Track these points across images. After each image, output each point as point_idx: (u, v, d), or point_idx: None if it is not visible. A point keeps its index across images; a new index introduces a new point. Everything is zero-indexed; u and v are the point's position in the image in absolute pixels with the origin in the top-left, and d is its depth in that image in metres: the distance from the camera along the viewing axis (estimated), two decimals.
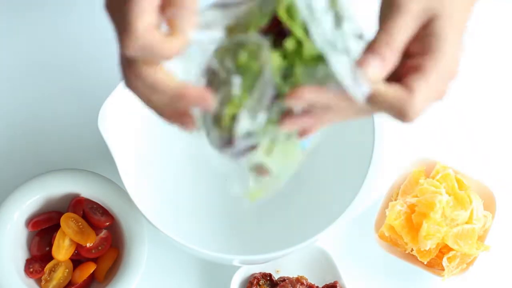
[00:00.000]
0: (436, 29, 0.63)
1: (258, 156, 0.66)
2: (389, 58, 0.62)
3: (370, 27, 0.66)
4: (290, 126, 0.63)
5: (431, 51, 0.63)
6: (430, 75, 0.63)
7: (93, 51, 1.09)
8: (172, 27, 0.62)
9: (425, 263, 0.99)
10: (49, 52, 1.09)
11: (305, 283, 0.99)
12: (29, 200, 0.99)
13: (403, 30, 0.63)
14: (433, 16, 0.64)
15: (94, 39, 1.08)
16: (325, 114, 0.63)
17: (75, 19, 1.11)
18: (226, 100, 0.63)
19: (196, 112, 0.65)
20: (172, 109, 0.64)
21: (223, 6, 0.64)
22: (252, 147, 0.65)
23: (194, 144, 1.04)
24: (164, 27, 0.63)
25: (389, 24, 0.63)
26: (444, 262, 0.98)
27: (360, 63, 0.61)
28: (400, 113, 0.63)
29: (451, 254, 0.98)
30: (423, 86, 0.62)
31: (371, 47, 0.62)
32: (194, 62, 0.64)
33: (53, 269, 0.99)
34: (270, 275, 1.00)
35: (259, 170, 0.67)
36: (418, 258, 0.99)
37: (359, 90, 0.61)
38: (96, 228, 1.00)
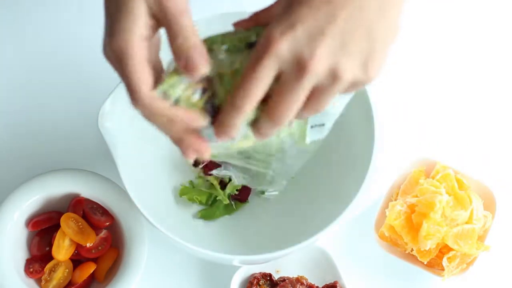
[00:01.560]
0: None
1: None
2: None
3: None
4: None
5: None
6: None
7: (93, 52, 1.09)
8: None
9: (425, 263, 0.99)
10: (49, 53, 1.09)
11: (305, 283, 0.99)
12: (29, 200, 0.99)
13: None
14: None
15: (94, 39, 1.08)
16: None
17: (76, 19, 1.11)
18: None
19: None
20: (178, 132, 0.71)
21: None
22: None
23: None
24: None
25: None
26: (444, 262, 0.98)
27: None
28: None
29: (451, 254, 0.98)
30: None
31: None
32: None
33: (53, 269, 0.99)
34: (270, 275, 1.00)
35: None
36: (418, 258, 0.99)
37: None
38: (96, 228, 1.00)
